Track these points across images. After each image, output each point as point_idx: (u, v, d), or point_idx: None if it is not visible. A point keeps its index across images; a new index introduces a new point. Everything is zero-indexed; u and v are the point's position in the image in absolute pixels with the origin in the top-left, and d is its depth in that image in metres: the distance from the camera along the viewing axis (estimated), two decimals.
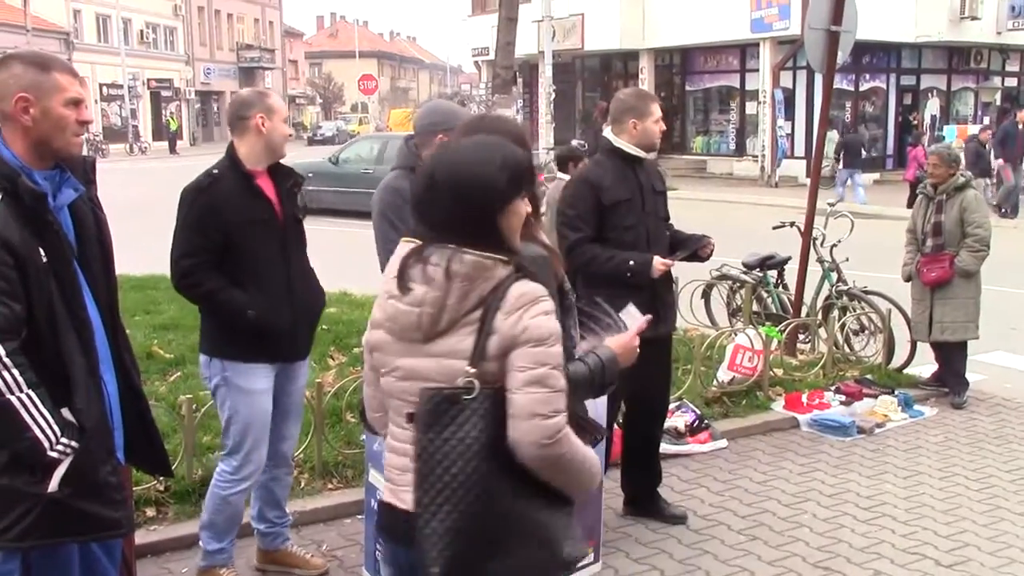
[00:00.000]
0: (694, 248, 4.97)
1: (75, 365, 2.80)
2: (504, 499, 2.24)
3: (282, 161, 4.09)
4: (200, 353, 4.12)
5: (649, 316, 3.12)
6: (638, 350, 2.84)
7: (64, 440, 2.71)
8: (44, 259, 2.74)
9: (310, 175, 4.07)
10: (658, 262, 4.70)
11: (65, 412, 2.75)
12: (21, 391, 2.64)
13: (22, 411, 2.64)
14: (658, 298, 4.79)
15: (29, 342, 2.71)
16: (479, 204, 2.29)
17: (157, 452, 3.28)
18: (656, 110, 4.80)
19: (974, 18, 27.49)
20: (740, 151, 29.72)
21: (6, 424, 2.66)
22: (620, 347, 2.78)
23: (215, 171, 3.92)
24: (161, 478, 4.63)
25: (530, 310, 2.25)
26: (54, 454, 2.70)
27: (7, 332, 2.64)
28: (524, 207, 2.38)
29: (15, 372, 2.63)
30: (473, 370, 2.23)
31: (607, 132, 4.89)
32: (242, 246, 3.88)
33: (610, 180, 4.73)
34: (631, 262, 4.66)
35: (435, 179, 2.33)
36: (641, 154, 4.82)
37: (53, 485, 2.72)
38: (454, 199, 2.29)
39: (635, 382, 2.94)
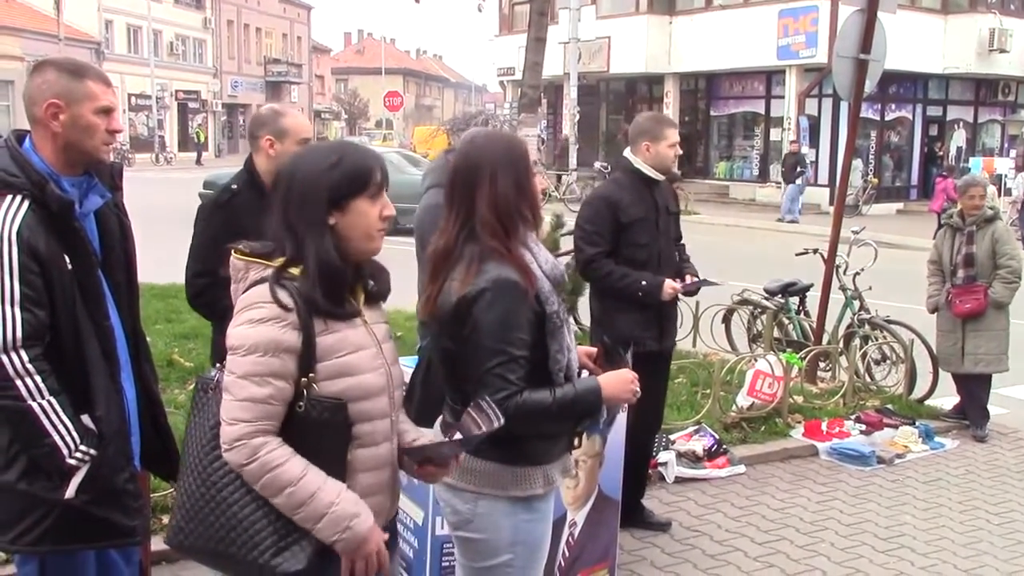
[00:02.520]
0: (700, 286, 5.09)
1: (96, 372, 2.79)
2: (223, 489, 2.28)
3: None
4: (211, 366, 4.08)
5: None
6: (637, 390, 2.81)
7: (83, 447, 2.71)
8: (69, 266, 2.74)
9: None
10: (668, 286, 4.79)
11: (85, 419, 2.75)
12: (43, 397, 2.64)
13: (42, 417, 2.64)
14: (664, 315, 4.95)
15: (52, 349, 2.71)
16: (302, 201, 2.31)
17: (171, 458, 3.27)
18: (671, 135, 4.87)
19: (1003, 51, 27.43)
20: (763, 177, 29.64)
21: (26, 430, 2.66)
22: (611, 382, 2.76)
23: (234, 186, 3.82)
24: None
25: (239, 316, 2.29)
26: (72, 461, 2.70)
27: (31, 339, 2.63)
28: (371, 209, 2.35)
29: (37, 379, 2.63)
30: (219, 364, 2.37)
31: (626, 152, 4.96)
32: None
33: (628, 199, 4.81)
34: (643, 283, 4.76)
35: (277, 180, 2.41)
36: (658, 176, 4.89)
37: (70, 492, 2.72)
38: (284, 197, 2.35)
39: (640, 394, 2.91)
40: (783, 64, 27.43)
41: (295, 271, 2.30)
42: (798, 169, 24.25)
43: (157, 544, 4.38)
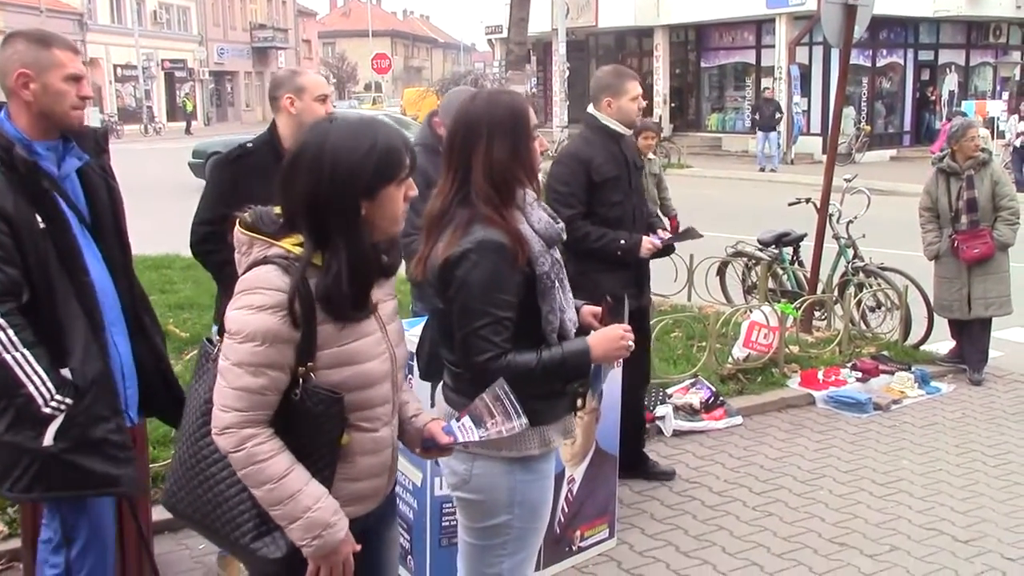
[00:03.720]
0: (679, 240, 5.10)
1: (73, 327, 2.88)
2: (212, 466, 2.27)
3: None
4: (215, 325, 4.15)
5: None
6: (630, 344, 2.74)
7: (59, 397, 2.80)
8: (41, 225, 2.83)
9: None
10: (647, 242, 4.78)
11: (64, 371, 2.84)
12: (16, 350, 2.74)
13: (16, 369, 2.74)
14: (641, 272, 4.95)
15: (28, 305, 2.80)
16: (332, 187, 2.18)
17: (180, 406, 3.30)
18: (633, 88, 4.76)
19: None
20: (756, 128, 29.48)
21: (2, 381, 2.76)
22: (600, 341, 2.71)
23: (249, 144, 3.95)
24: None
25: (238, 298, 2.19)
26: (48, 410, 2.80)
27: (3, 295, 2.73)
28: (398, 193, 2.27)
29: (10, 332, 2.73)
30: (217, 338, 2.32)
31: (590, 109, 4.86)
32: None
33: (600, 157, 4.73)
34: (622, 241, 4.73)
35: (299, 157, 2.22)
36: (624, 130, 4.83)
37: (47, 440, 2.82)
38: (312, 176, 2.18)
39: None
40: (773, 13, 27.19)
41: (316, 261, 2.19)
42: (776, 116, 24.21)
43: (161, 514, 4.42)
